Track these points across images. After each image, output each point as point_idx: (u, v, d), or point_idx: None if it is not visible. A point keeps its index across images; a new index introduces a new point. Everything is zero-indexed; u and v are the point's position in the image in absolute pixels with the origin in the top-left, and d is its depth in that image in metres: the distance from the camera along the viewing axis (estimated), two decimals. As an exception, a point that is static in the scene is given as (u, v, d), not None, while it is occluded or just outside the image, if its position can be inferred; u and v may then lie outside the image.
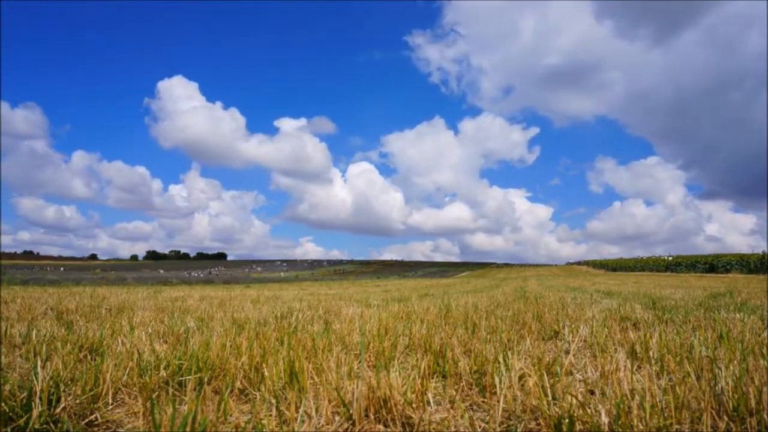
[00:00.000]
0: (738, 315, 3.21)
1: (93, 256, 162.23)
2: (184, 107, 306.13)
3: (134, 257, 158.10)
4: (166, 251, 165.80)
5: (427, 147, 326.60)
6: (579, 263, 72.86)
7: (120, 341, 2.04)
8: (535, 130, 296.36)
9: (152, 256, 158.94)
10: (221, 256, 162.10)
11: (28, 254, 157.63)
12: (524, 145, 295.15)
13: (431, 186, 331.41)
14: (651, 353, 1.82)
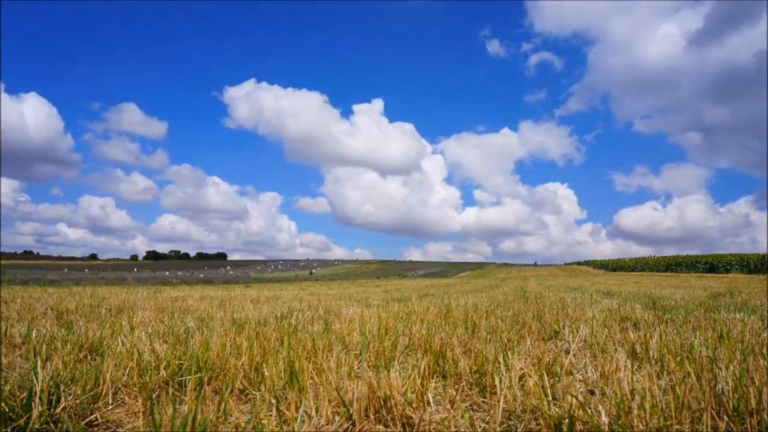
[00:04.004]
0: (738, 315, 3.21)
1: (93, 256, 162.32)
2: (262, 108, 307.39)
3: (134, 257, 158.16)
4: (195, 252, 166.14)
5: (481, 149, 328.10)
6: (579, 263, 72.89)
7: (120, 341, 2.04)
8: (592, 134, 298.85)
9: (152, 256, 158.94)
10: (221, 256, 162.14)
11: (28, 254, 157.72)
12: (573, 147, 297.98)
13: (477, 187, 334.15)
14: (651, 353, 1.82)
